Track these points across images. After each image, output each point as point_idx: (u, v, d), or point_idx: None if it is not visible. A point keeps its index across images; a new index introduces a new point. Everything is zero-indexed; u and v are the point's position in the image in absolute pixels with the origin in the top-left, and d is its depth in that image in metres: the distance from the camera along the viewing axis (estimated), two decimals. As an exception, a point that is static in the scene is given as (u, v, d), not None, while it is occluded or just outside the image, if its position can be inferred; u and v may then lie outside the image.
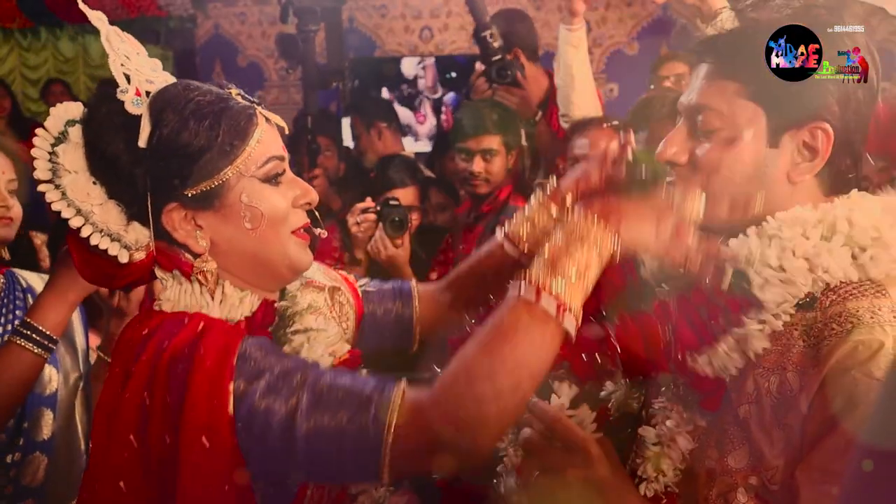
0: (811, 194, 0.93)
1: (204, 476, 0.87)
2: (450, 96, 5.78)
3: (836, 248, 0.87)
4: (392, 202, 2.37)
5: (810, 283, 0.88)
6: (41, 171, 0.97)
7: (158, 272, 1.03)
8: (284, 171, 1.02)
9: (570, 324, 0.86)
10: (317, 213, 1.07)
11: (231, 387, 0.88)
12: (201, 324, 0.94)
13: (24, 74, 6.63)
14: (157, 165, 0.96)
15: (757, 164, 0.92)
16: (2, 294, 1.59)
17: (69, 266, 1.35)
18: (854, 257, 0.88)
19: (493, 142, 2.43)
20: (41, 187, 0.97)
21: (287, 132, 1.07)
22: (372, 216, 2.35)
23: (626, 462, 1.00)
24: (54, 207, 0.97)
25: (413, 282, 1.30)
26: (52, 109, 1.01)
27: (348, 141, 3.86)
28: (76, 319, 1.68)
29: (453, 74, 5.82)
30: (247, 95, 1.03)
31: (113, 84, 0.99)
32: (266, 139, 1.00)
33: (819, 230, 0.89)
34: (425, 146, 5.35)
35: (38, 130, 0.98)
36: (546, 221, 1.16)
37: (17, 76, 6.53)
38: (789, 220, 0.90)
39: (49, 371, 1.56)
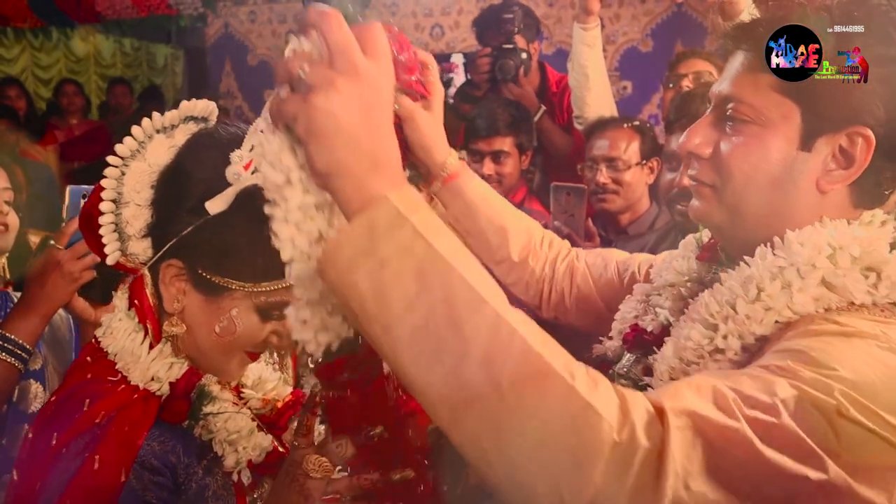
0: (840, 206, 0.86)
1: None
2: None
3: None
4: None
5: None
6: (126, 147, 0.97)
7: (119, 294, 1.04)
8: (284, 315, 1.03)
9: None
10: None
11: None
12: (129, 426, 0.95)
13: (36, 74, 6.66)
14: (202, 233, 0.96)
15: (785, 166, 0.84)
16: None
17: (40, 279, 1.41)
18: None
19: (505, 143, 2.38)
20: (111, 158, 0.97)
21: None
22: None
23: None
24: (103, 182, 0.97)
25: None
26: (184, 103, 1.01)
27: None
28: (70, 337, 1.66)
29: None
30: None
31: (124, 84, 0.98)
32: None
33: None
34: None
35: (155, 114, 0.99)
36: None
37: (28, 76, 6.56)
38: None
39: (35, 388, 1.54)
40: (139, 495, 0.91)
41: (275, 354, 1.19)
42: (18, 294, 1.66)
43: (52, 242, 1.43)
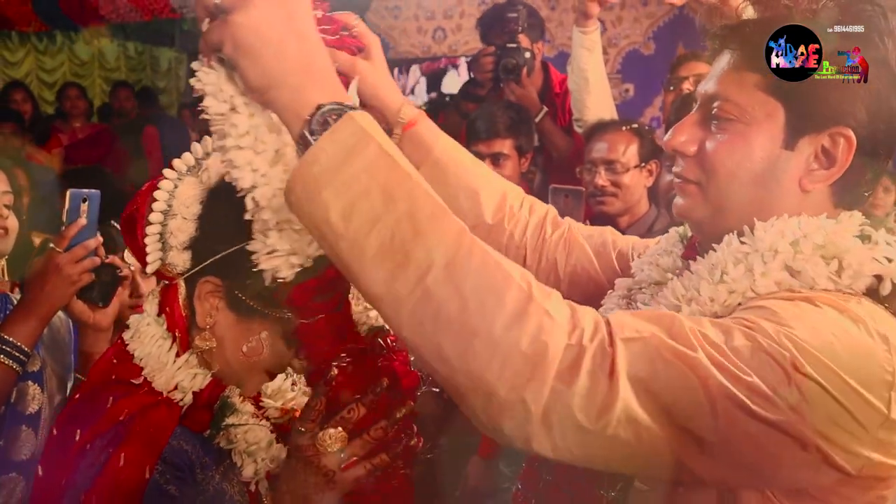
0: (821, 205, 0.87)
1: None
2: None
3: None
4: None
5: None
6: (182, 162, 1.00)
7: (150, 298, 1.05)
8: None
9: None
10: None
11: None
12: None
13: (41, 78, 6.71)
14: (243, 255, 0.95)
15: (768, 164, 0.86)
16: None
17: (39, 282, 1.42)
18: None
19: (505, 146, 2.38)
20: (166, 171, 1.00)
21: None
22: None
23: None
24: (156, 193, 1.00)
25: None
26: None
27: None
28: (70, 342, 1.66)
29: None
30: None
31: (127, 87, 0.99)
32: None
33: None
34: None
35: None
36: None
37: (33, 79, 6.61)
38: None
39: (33, 389, 1.54)
40: (163, 488, 0.92)
41: (293, 374, 1.20)
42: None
43: (51, 245, 1.43)
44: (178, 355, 1.00)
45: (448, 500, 2.14)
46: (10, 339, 1.40)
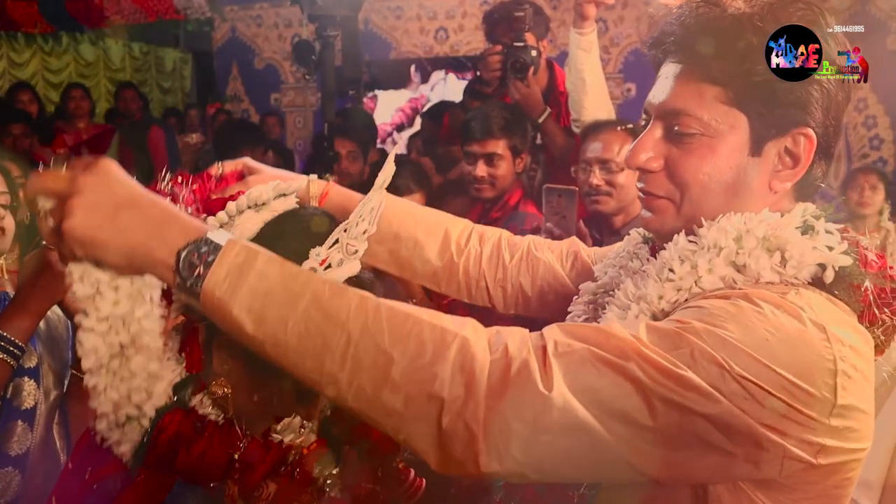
0: (787, 201, 0.89)
1: None
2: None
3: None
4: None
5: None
6: (216, 219, 1.00)
7: (172, 334, 1.04)
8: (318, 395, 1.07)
9: None
10: None
11: None
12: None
13: (47, 78, 6.74)
14: None
15: (738, 173, 0.86)
16: None
17: (33, 278, 1.45)
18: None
19: (498, 146, 2.39)
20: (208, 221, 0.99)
21: None
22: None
23: None
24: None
25: None
26: (280, 183, 1.02)
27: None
28: (67, 338, 1.68)
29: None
30: None
31: (132, 88, 0.98)
32: None
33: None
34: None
35: (252, 190, 0.99)
36: None
37: (39, 80, 6.64)
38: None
39: (28, 385, 1.56)
40: None
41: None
42: None
43: (44, 242, 1.45)
44: (193, 394, 1.01)
45: (442, 499, 2.14)
46: (4, 333, 1.43)
